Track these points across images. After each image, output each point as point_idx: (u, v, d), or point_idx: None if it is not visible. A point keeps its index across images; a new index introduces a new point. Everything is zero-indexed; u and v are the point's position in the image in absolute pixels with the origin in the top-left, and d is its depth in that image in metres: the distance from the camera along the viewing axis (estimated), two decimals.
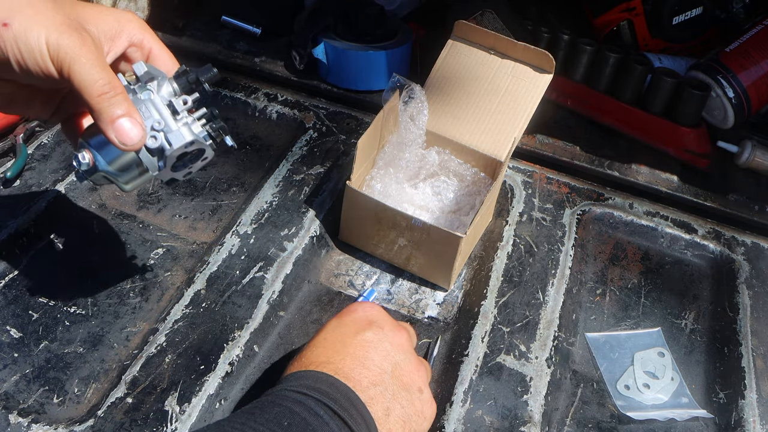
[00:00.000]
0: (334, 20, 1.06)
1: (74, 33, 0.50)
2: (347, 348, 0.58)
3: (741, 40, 1.04)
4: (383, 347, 0.59)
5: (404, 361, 0.60)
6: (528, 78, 0.84)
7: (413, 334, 0.67)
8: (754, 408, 0.72)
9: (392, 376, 0.58)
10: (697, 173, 1.01)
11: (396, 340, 0.61)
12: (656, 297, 0.85)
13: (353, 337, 0.59)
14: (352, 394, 0.54)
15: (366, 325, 0.60)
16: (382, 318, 0.62)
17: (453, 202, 0.85)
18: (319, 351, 0.58)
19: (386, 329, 0.61)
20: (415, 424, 0.58)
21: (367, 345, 0.59)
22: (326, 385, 0.54)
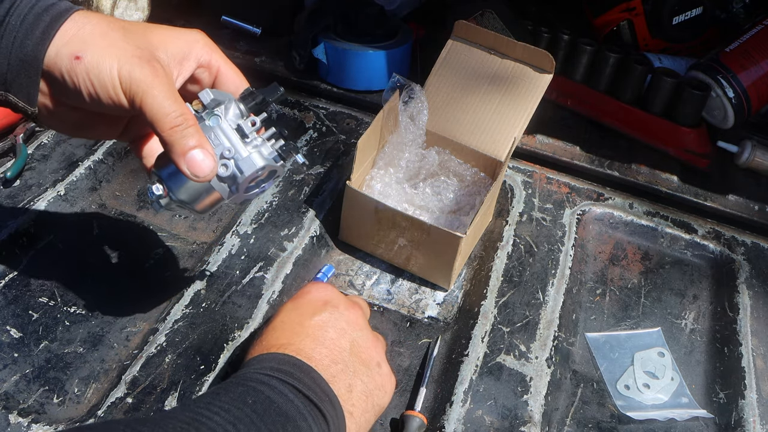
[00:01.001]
0: (334, 20, 1.06)
1: (146, 65, 0.51)
2: (305, 329, 0.59)
3: (741, 40, 1.04)
4: (340, 326, 0.60)
5: (361, 338, 0.61)
6: (528, 78, 0.84)
7: (367, 309, 0.68)
8: (754, 408, 0.72)
9: (351, 353, 0.59)
10: (697, 173, 1.01)
11: (351, 318, 0.62)
12: (656, 297, 0.85)
13: (310, 318, 0.60)
14: (314, 373, 0.55)
15: (321, 306, 0.61)
16: (335, 297, 0.63)
17: (453, 202, 0.85)
18: (278, 334, 0.59)
19: (341, 308, 0.62)
20: (377, 398, 0.59)
21: (324, 325, 0.60)
22: (289, 366, 0.55)
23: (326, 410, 0.53)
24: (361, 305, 0.67)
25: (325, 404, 0.53)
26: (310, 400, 0.53)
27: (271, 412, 0.50)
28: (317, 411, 0.52)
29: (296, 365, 0.55)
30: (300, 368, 0.55)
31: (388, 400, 0.61)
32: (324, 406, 0.53)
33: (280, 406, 0.51)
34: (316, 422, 0.52)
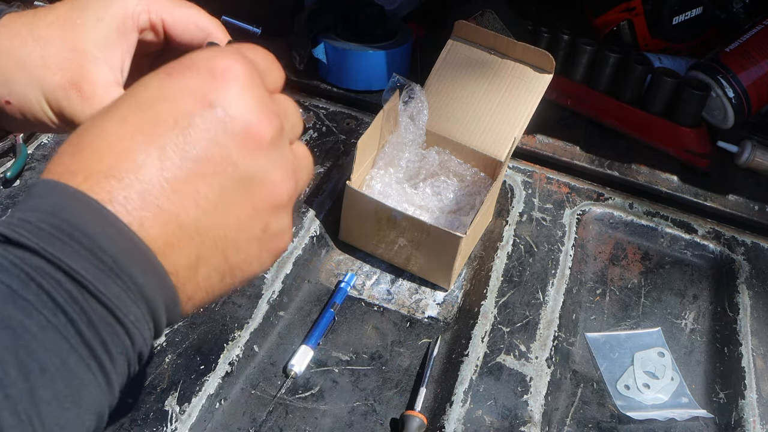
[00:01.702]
0: (334, 20, 1.06)
1: (72, 91, 0.43)
2: (150, 147, 0.32)
3: (741, 40, 1.04)
4: (217, 147, 0.33)
5: (256, 172, 0.34)
6: (528, 78, 0.84)
7: (272, 67, 0.40)
8: (754, 408, 0.72)
9: (221, 200, 0.33)
10: (697, 173, 1.01)
11: (240, 124, 0.34)
12: (656, 297, 0.85)
13: (170, 128, 0.32)
14: (134, 247, 0.31)
15: (201, 109, 0.33)
16: (229, 86, 0.34)
17: (453, 202, 0.85)
18: (104, 146, 0.32)
19: (227, 105, 0.33)
20: (242, 272, 0.37)
21: (191, 143, 0.32)
22: (83, 225, 0.30)
23: (114, 342, 0.30)
24: (255, 62, 0.37)
25: (124, 301, 0.30)
26: (95, 331, 0.29)
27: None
28: (99, 341, 0.29)
29: (93, 227, 0.30)
30: (105, 236, 0.30)
31: (269, 264, 0.39)
32: (111, 337, 0.30)
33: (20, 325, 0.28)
34: (99, 362, 0.30)
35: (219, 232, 0.34)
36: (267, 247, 0.37)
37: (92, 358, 0.29)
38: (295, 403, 0.67)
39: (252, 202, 0.35)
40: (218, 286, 0.36)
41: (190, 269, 0.33)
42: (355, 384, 0.70)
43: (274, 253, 0.38)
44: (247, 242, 0.36)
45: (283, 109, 0.38)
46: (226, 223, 0.34)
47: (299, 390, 0.69)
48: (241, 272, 0.36)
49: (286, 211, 0.37)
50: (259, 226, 0.36)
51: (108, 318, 0.30)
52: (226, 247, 0.35)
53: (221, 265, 0.35)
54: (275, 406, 0.67)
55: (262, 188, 0.35)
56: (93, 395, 0.30)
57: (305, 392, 0.69)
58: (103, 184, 0.31)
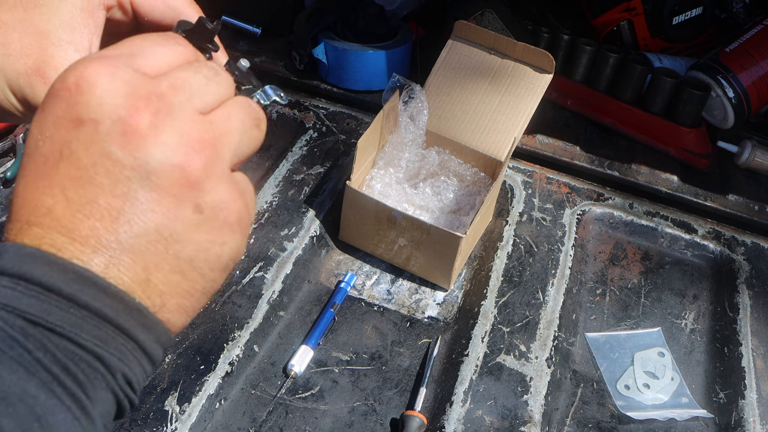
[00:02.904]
0: (334, 20, 1.06)
1: (35, 78, 0.41)
2: (52, 188, 0.32)
3: (741, 40, 1.04)
4: (106, 159, 0.32)
5: (150, 149, 0.32)
6: (528, 78, 0.84)
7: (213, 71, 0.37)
8: (754, 408, 0.72)
9: (138, 194, 0.32)
10: (697, 173, 1.01)
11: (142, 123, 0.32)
12: (656, 297, 0.85)
13: (58, 162, 0.32)
14: (76, 276, 0.31)
15: (73, 131, 0.32)
16: (86, 96, 0.32)
17: (453, 202, 0.85)
18: (20, 202, 0.33)
19: (92, 113, 0.32)
20: (208, 258, 0.35)
21: (81, 168, 0.32)
22: (19, 269, 0.31)
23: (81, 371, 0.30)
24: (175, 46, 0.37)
25: (80, 367, 0.30)
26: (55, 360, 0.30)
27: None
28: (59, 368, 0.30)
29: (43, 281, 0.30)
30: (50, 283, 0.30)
31: (235, 241, 0.36)
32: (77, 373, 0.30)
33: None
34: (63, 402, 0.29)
35: (151, 235, 0.32)
36: (213, 225, 0.34)
37: (55, 382, 0.29)
38: (295, 403, 0.68)
39: (166, 192, 0.33)
40: (188, 284, 0.34)
41: (143, 282, 0.32)
42: (355, 384, 0.70)
43: (226, 225, 0.35)
44: (187, 231, 0.33)
45: (171, 83, 0.34)
46: (154, 224, 0.33)
47: (299, 390, 0.69)
48: (203, 262, 0.34)
49: (211, 182, 0.34)
50: (189, 210, 0.33)
51: (67, 345, 0.30)
52: (168, 245, 0.33)
53: (175, 264, 0.33)
54: (275, 406, 0.67)
55: (168, 174, 0.32)
56: (63, 421, 0.29)
57: (305, 392, 0.69)
58: (29, 234, 0.32)
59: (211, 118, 0.35)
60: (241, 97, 0.38)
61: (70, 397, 0.30)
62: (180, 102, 0.34)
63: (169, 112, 0.33)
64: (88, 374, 0.30)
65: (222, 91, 0.37)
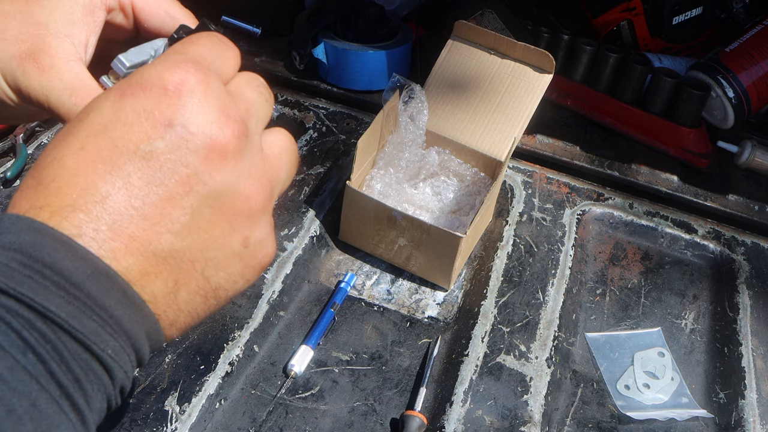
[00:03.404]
0: (334, 20, 1.06)
1: (29, 64, 0.40)
2: (114, 176, 0.31)
3: (741, 40, 1.04)
4: (185, 170, 0.32)
5: (231, 181, 0.33)
6: (528, 78, 0.84)
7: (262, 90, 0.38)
8: (754, 408, 0.72)
9: (197, 218, 0.32)
10: (697, 173, 1.01)
11: (211, 138, 0.32)
12: (656, 297, 0.85)
13: (132, 154, 0.31)
14: (107, 279, 0.30)
15: (160, 130, 0.32)
16: (185, 101, 0.32)
17: (453, 202, 0.85)
18: (66, 179, 0.31)
19: (186, 121, 0.32)
20: (225, 291, 0.35)
21: (155, 168, 0.31)
22: (54, 261, 0.29)
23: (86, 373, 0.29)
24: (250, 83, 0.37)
25: (90, 325, 0.29)
26: (64, 364, 0.28)
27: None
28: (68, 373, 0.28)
29: (61, 251, 0.29)
30: (71, 258, 0.29)
31: (254, 279, 0.37)
32: (81, 374, 0.29)
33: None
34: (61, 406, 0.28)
35: (196, 254, 0.32)
36: (250, 263, 0.35)
37: (64, 397, 0.28)
38: (295, 403, 0.68)
39: (226, 218, 0.33)
40: (202, 308, 0.34)
41: (169, 295, 0.32)
42: (355, 384, 0.70)
43: (259, 266, 0.36)
44: (227, 260, 0.34)
45: (246, 105, 0.35)
46: (202, 244, 0.33)
47: (299, 390, 0.69)
48: (225, 291, 0.35)
49: (264, 219, 0.35)
50: (237, 242, 0.34)
51: (83, 354, 0.29)
52: (205, 267, 0.33)
53: (203, 286, 0.34)
54: (275, 406, 0.67)
55: (234, 201, 0.33)
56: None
57: (305, 392, 0.69)
58: (71, 219, 0.30)
59: (269, 154, 0.36)
60: (287, 133, 0.39)
61: (76, 411, 0.29)
62: (252, 129, 0.35)
63: (249, 139, 0.34)
64: (95, 386, 0.30)
65: (272, 108, 0.38)
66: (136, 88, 0.32)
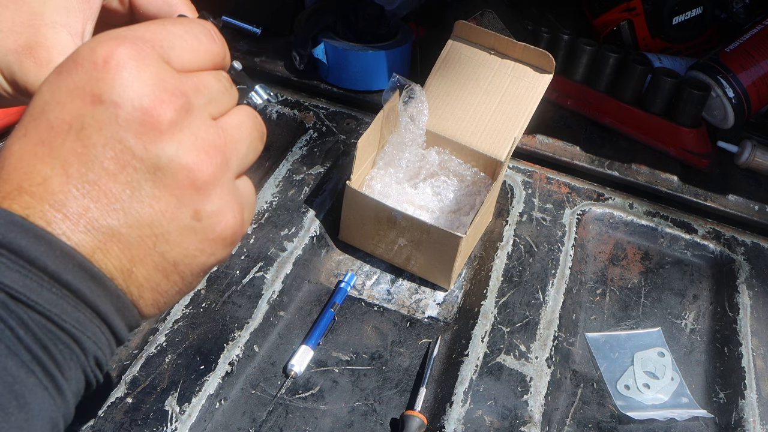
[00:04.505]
0: (334, 20, 1.06)
1: (26, 58, 0.40)
2: (52, 158, 0.31)
3: (741, 40, 1.04)
4: (118, 145, 0.31)
5: (166, 145, 0.32)
6: (528, 78, 0.84)
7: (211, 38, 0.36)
8: (754, 408, 0.72)
9: (142, 187, 0.32)
10: (697, 173, 1.01)
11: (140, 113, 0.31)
12: (656, 297, 0.85)
13: (66, 134, 0.31)
14: (63, 255, 0.30)
15: (89, 107, 0.31)
16: (113, 75, 0.31)
17: (453, 202, 0.85)
18: (12, 165, 0.31)
19: (116, 95, 0.31)
20: (192, 264, 0.35)
21: (89, 146, 0.31)
22: (9, 240, 0.29)
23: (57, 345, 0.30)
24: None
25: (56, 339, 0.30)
26: (35, 338, 0.29)
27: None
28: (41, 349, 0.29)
29: (22, 251, 0.29)
30: (31, 254, 0.29)
31: (222, 253, 0.36)
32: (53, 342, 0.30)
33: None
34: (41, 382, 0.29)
35: (144, 229, 0.32)
36: (208, 236, 0.34)
37: (34, 362, 0.29)
38: (295, 403, 0.68)
39: (170, 192, 0.32)
40: (166, 283, 0.34)
41: (125, 272, 0.32)
42: (355, 384, 0.70)
43: (219, 239, 0.35)
44: (180, 234, 0.33)
45: (195, 84, 0.34)
46: (149, 219, 0.32)
47: (299, 390, 0.69)
48: (187, 267, 0.34)
49: (216, 191, 0.34)
50: (187, 215, 0.33)
51: (47, 325, 0.29)
52: (157, 243, 0.33)
53: (159, 262, 0.33)
54: (275, 406, 0.67)
55: (176, 174, 0.32)
56: (40, 400, 0.29)
57: (305, 392, 0.69)
58: (20, 201, 0.30)
59: (223, 125, 0.35)
60: (249, 108, 0.38)
61: (48, 377, 0.29)
62: (200, 105, 0.34)
63: (189, 112, 0.33)
64: (65, 355, 0.30)
65: (234, 101, 0.37)
66: (70, 65, 0.32)
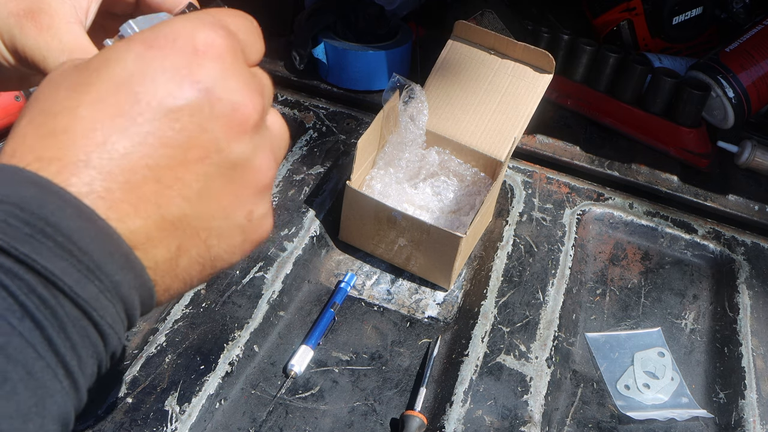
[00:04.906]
0: (334, 20, 1.06)
1: (27, 22, 0.38)
2: (132, 133, 0.29)
3: (741, 40, 1.04)
4: (205, 135, 0.30)
5: (241, 150, 0.32)
6: (528, 78, 0.84)
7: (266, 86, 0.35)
8: (754, 408, 0.72)
9: (206, 187, 0.31)
10: (697, 173, 1.01)
11: (229, 103, 0.31)
12: (656, 297, 0.85)
13: (153, 112, 0.29)
14: (112, 243, 0.28)
15: (186, 90, 0.30)
16: (214, 64, 0.31)
17: (453, 202, 0.85)
18: (81, 132, 0.28)
19: (213, 85, 0.30)
20: (221, 261, 0.34)
21: (175, 129, 0.30)
22: (58, 221, 0.27)
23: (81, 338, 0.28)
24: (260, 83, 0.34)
25: (91, 291, 0.28)
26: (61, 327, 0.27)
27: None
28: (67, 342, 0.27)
29: (61, 210, 0.27)
30: (65, 231, 0.27)
31: (249, 252, 0.36)
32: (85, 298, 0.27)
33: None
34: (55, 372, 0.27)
35: (203, 222, 0.31)
36: (250, 237, 0.34)
37: (60, 365, 0.27)
38: (295, 403, 0.68)
39: (236, 189, 0.32)
40: (197, 276, 0.33)
41: (169, 261, 0.31)
42: (355, 384, 0.70)
43: (257, 241, 0.35)
44: (230, 231, 0.33)
45: (264, 84, 0.34)
46: (211, 212, 0.32)
47: (299, 390, 0.69)
48: (222, 262, 0.34)
49: (269, 195, 0.35)
50: (242, 214, 0.33)
51: (82, 321, 0.28)
52: (209, 236, 0.32)
53: (203, 255, 0.33)
54: (275, 406, 0.67)
55: (247, 174, 0.32)
56: (58, 404, 0.28)
57: (305, 392, 0.69)
58: (81, 176, 0.28)
59: (272, 128, 0.36)
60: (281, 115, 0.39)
61: (69, 378, 0.28)
62: (265, 107, 0.34)
63: (264, 116, 0.33)
64: (89, 350, 0.28)
65: (272, 98, 0.38)
66: (164, 42, 0.30)
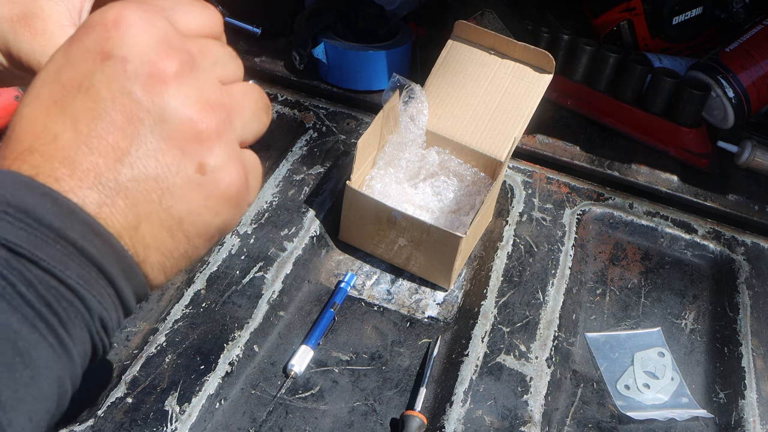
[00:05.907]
0: (334, 20, 1.06)
1: (21, 27, 0.40)
2: (63, 117, 0.32)
3: (741, 40, 1.04)
4: (126, 98, 0.32)
5: (171, 97, 0.32)
6: (528, 78, 0.84)
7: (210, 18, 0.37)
8: (754, 408, 0.72)
9: (148, 138, 0.32)
10: (697, 173, 1.01)
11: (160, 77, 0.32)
12: (656, 297, 0.85)
13: (77, 92, 0.32)
14: (68, 212, 0.30)
15: (99, 64, 0.32)
16: (122, 32, 0.32)
17: (453, 202, 0.85)
18: (24, 128, 0.32)
19: (123, 51, 0.32)
20: (196, 222, 0.34)
21: (98, 101, 0.32)
22: (14, 198, 0.30)
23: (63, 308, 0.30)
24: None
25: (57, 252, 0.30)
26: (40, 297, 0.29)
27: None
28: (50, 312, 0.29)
29: (34, 209, 0.30)
30: (41, 213, 0.30)
31: (227, 214, 0.35)
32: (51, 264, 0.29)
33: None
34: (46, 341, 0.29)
35: (150, 183, 0.32)
36: (212, 191, 0.34)
37: (37, 317, 0.29)
38: (295, 403, 0.68)
39: (175, 144, 0.33)
40: (171, 243, 0.34)
41: (131, 228, 0.32)
42: (355, 384, 0.70)
43: (224, 196, 0.34)
44: (184, 188, 0.33)
45: (200, 46, 0.35)
46: (155, 172, 0.32)
47: (299, 390, 0.69)
48: (192, 225, 0.34)
49: (220, 145, 0.34)
50: (191, 168, 0.33)
51: (50, 281, 0.29)
52: (162, 197, 0.33)
53: (165, 219, 0.33)
54: (275, 406, 0.67)
55: (181, 126, 0.33)
56: (45, 357, 0.29)
57: (305, 392, 0.69)
58: (30, 161, 0.31)
59: (228, 88, 0.36)
60: (255, 84, 0.39)
61: (52, 333, 0.29)
62: (204, 65, 0.35)
63: (194, 68, 0.34)
64: (69, 312, 0.30)
65: (240, 72, 0.38)
66: (81, 31, 0.33)
